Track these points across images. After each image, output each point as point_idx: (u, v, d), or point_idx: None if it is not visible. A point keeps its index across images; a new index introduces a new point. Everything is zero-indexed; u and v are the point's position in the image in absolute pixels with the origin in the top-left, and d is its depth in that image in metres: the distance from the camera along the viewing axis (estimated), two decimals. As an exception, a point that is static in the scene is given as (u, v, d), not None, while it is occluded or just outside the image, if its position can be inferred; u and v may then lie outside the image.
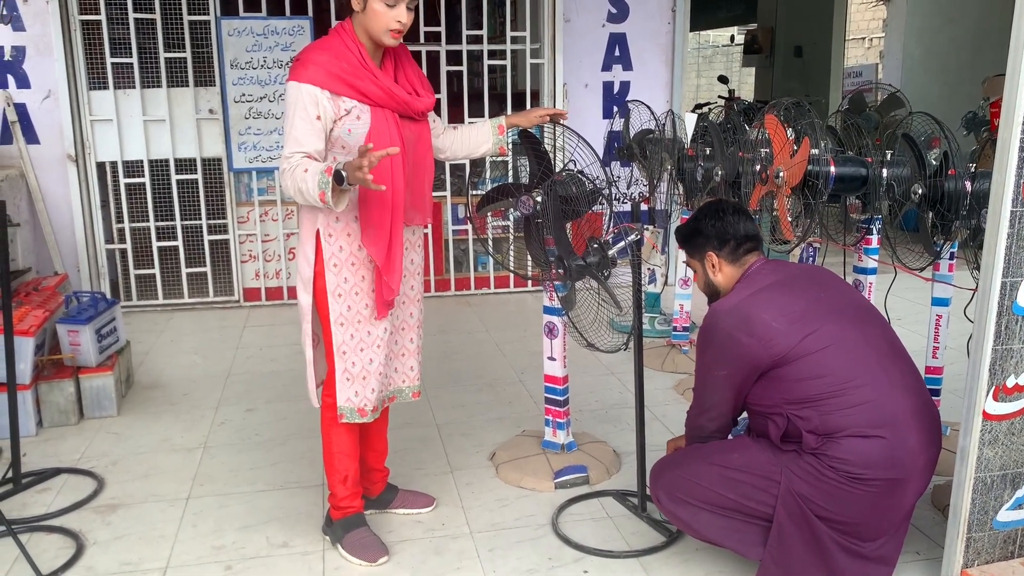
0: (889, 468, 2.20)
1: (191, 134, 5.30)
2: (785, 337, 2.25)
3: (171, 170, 5.30)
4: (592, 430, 3.53)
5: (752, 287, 2.40)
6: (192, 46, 5.18)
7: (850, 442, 2.20)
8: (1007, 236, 2.07)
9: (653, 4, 5.75)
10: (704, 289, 2.60)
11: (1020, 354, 2.17)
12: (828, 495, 2.21)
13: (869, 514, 2.24)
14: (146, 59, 5.17)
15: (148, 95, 5.22)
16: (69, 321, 3.70)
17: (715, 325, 2.37)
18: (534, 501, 2.97)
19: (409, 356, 2.71)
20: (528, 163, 2.83)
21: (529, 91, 5.66)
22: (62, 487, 3.11)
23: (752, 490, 2.30)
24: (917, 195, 2.98)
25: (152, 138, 5.26)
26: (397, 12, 2.35)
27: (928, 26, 8.67)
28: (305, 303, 2.54)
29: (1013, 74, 1.99)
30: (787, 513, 2.25)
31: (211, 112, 5.30)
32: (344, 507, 2.68)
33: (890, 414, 2.23)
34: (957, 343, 3.31)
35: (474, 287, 5.88)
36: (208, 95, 5.29)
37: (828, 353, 2.25)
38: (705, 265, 2.54)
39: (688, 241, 2.59)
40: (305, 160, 2.33)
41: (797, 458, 2.26)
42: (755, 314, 2.30)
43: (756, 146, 3.40)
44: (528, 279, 5.24)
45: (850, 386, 2.23)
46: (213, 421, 3.72)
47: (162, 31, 5.12)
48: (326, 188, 2.25)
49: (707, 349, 2.41)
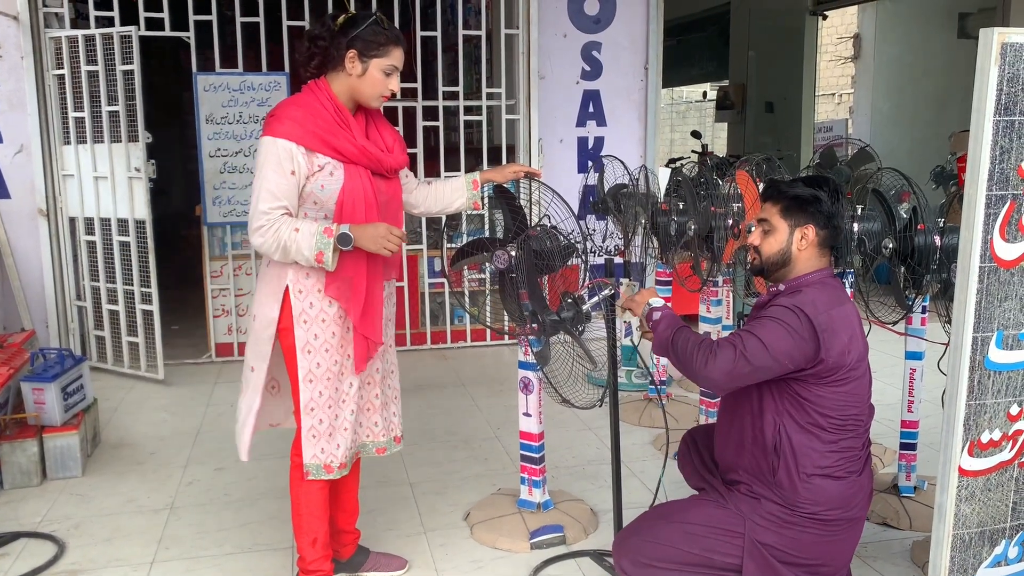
0: (849, 508, 2.29)
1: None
2: (844, 356, 2.24)
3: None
4: (569, 487, 3.48)
5: (839, 297, 2.30)
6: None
7: (823, 481, 2.26)
8: (976, 291, 2.07)
9: (626, 62, 5.85)
10: (766, 255, 2.36)
11: (994, 409, 2.16)
12: (792, 540, 2.26)
13: (831, 553, 2.31)
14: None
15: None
16: (34, 379, 3.62)
17: (806, 315, 2.21)
18: (509, 563, 2.91)
19: (374, 412, 2.67)
20: (503, 217, 2.83)
21: (505, 146, 5.71)
22: (21, 552, 3.01)
23: (715, 543, 2.28)
24: (888, 249, 3.01)
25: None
26: (392, 80, 2.43)
27: (895, 82, 8.89)
28: (261, 352, 2.49)
29: (977, 131, 2.01)
30: (756, 567, 2.26)
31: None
32: (313, 571, 2.60)
33: (863, 462, 2.36)
34: (932, 396, 3.31)
35: (450, 340, 5.85)
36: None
37: (861, 386, 2.29)
38: (795, 233, 2.32)
39: (797, 201, 2.32)
40: (286, 218, 2.33)
41: (757, 506, 2.29)
42: (840, 330, 2.24)
43: (728, 201, 3.43)
44: (504, 333, 5.23)
45: (860, 428, 2.32)
46: (181, 481, 3.63)
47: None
48: (326, 249, 2.30)
49: (787, 336, 2.21)
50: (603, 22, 5.77)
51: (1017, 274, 2.09)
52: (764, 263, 2.38)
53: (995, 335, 2.10)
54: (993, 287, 2.08)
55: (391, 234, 2.34)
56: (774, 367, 2.22)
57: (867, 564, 2.87)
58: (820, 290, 2.29)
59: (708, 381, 2.30)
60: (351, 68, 2.38)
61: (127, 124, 4.86)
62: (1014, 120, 2.00)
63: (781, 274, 2.37)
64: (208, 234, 5.37)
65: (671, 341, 2.37)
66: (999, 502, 2.23)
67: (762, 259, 2.38)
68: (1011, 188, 2.04)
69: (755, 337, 2.23)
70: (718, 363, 2.24)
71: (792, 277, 2.35)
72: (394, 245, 2.35)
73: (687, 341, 2.33)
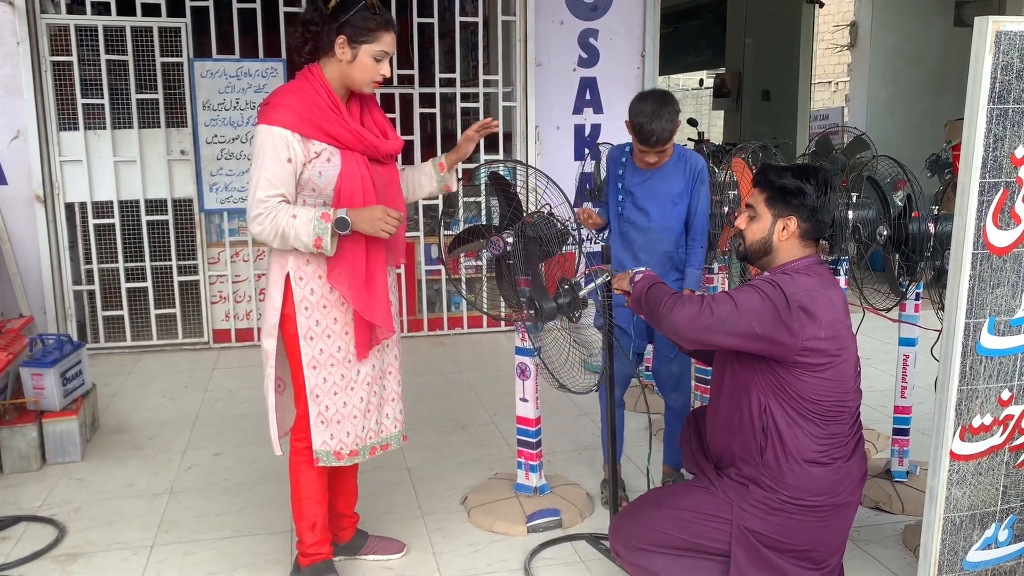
0: (836, 494, 2.30)
1: (162, 175, 5.28)
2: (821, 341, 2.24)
3: (141, 211, 5.26)
4: (565, 472, 3.51)
5: (825, 282, 2.30)
6: (164, 87, 5.18)
7: (810, 467, 2.28)
8: (969, 278, 2.10)
9: (623, 49, 5.85)
10: (749, 241, 2.37)
11: (985, 394, 2.19)
12: (779, 526, 2.29)
13: (819, 539, 2.33)
14: (117, 100, 5.16)
15: (119, 136, 5.20)
16: (33, 364, 3.63)
17: (783, 290, 2.23)
18: (507, 545, 2.94)
19: (398, 401, 2.69)
20: (499, 204, 2.85)
21: (502, 133, 5.71)
22: (22, 535, 3.03)
23: (704, 528, 2.33)
24: (882, 236, 3.03)
25: (122, 179, 5.23)
26: (383, 66, 2.42)
27: (891, 70, 8.89)
28: (270, 348, 2.52)
29: (971, 119, 2.03)
30: (744, 552, 2.31)
31: (183, 153, 5.28)
32: (312, 554, 2.63)
33: (852, 448, 2.37)
34: (925, 382, 3.35)
35: (447, 327, 5.86)
36: (180, 136, 5.28)
37: (844, 371, 2.30)
38: (776, 224, 2.32)
39: (782, 192, 2.31)
40: (284, 205, 2.34)
41: (745, 492, 2.32)
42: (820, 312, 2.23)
43: (724, 188, 3.45)
44: (501, 320, 5.25)
45: (845, 414, 2.33)
46: (180, 465, 3.65)
47: (134, 72, 5.12)
48: (324, 234, 2.31)
49: (759, 300, 2.23)
50: (600, 9, 5.76)
51: (1010, 261, 2.12)
52: (747, 249, 2.40)
53: (987, 321, 2.13)
54: (986, 274, 2.10)
55: (388, 216, 2.34)
56: (740, 324, 2.21)
57: (859, 547, 2.90)
58: (805, 275, 2.29)
59: (672, 326, 2.30)
60: (341, 54, 2.38)
61: (166, 111, 5.22)
62: (1008, 108, 2.02)
63: (765, 262, 2.38)
64: (205, 220, 5.37)
65: (645, 292, 2.39)
66: (990, 486, 2.26)
67: (745, 244, 2.39)
68: (1004, 176, 2.06)
69: (726, 294, 2.29)
70: (685, 310, 2.27)
71: (776, 265, 2.36)
72: (391, 227, 2.35)
73: (661, 292, 2.36)
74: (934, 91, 8.87)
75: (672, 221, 3.09)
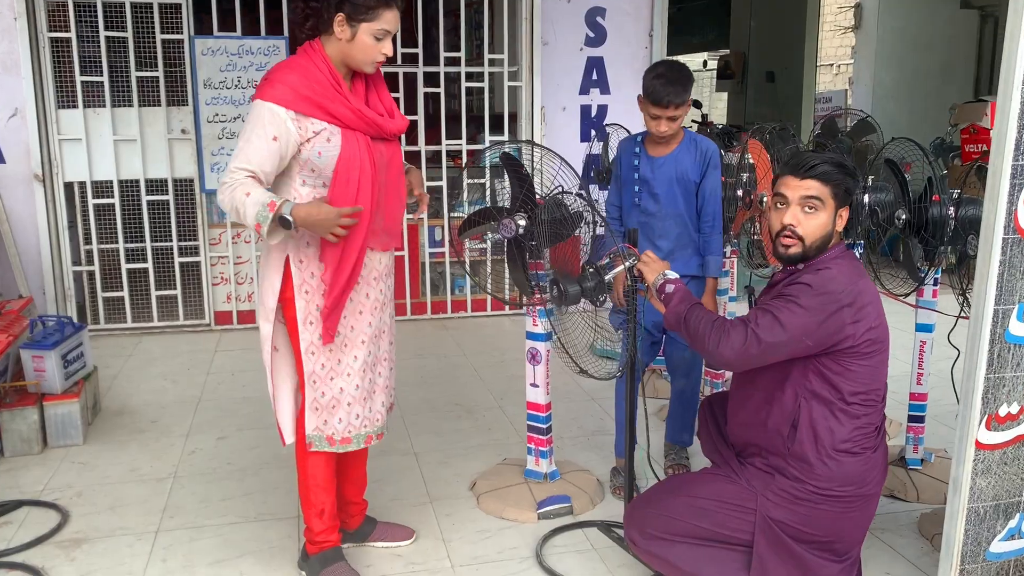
0: (863, 484, 2.27)
1: (162, 154, 5.20)
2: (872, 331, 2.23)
3: (142, 191, 5.19)
4: (574, 458, 3.46)
5: (859, 269, 2.28)
6: (165, 65, 5.09)
7: (842, 457, 2.24)
8: (999, 263, 2.04)
9: (630, 29, 5.76)
10: (812, 237, 2.25)
11: (1012, 382, 2.14)
12: (805, 516, 2.25)
13: (844, 529, 2.30)
14: (117, 78, 5.07)
15: (119, 114, 5.11)
16: (34, 346, 3.58)
17: (825, 292, 2.19)
18: (517, 532, 2.90)
19: (390, 390, 2.66)
20: (509, 186, 2.78)
21: (507, 113, 5.63)
22: (24, 520, 2.98)
23: (726, 518, 2.30)
24: (901, 220, 2.97)
25: (122, 158, 5.15)
26: (384, 45, 2.34)
27: (896, 53, 8.80)
28: (266, 332, 2.46)
29: (1004, 100, 1.97)
30: (767, 542, 2.27)
31: (183, 132, 5.20)
32: (320, 541, 2.59)
33: (879, 438, 2.33)
34: (937, 368, 3.30)
35: (451, 310, 5.81)
36: (181, 115, 5.19)
37: (885, 358, 2.28)
38: (838, 215, 2.26)
39: (844, 185, 2.25)
40: (248, 181, 2.29)
41: (770, 481, 2.28)
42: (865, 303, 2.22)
43: (738, 171, 3.39)
44: (506, 302, 5.20)
45: (880, 403, 2.31)
46: (183, 449, 3.60)
47: (134, 49, 5.03)
48: (264, 222, 2.25)
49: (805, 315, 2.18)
50: (607, -12, 5.67)
51: (1042, 246, 2.06)
52: (807, 248, 2.25)
53: (1016, 308, 2.08)
54: (1016, 259, 2.05)
55: (341, 219, 2.26)
56: (791, 345, 2.19)
57: (874, 535, 2.86)
58: (841, 265, 2.26)
59: (721, 360, 2.28)
60: (340, 32, 2.31)
61: (166, 89, 5.12)
62: (1044, 89, 1.95)
63: (812, 256, 2.29)
64: (206, 201, 5.29)
65: (684, 318, 2.35)
66: (1015, 476, 2.22)
67: (806, 244, 2.25)
68: (1038, 158, 2.00)
69: (769, 315, 2.21)
70: (730, 342, 2.22)
71: (817, 258, 2.28)
72: (342, 231, 2.27)
73: (700, 319, 2.31)
74: (939, 74, 8.79)
75: (686, 206, 3.06)
